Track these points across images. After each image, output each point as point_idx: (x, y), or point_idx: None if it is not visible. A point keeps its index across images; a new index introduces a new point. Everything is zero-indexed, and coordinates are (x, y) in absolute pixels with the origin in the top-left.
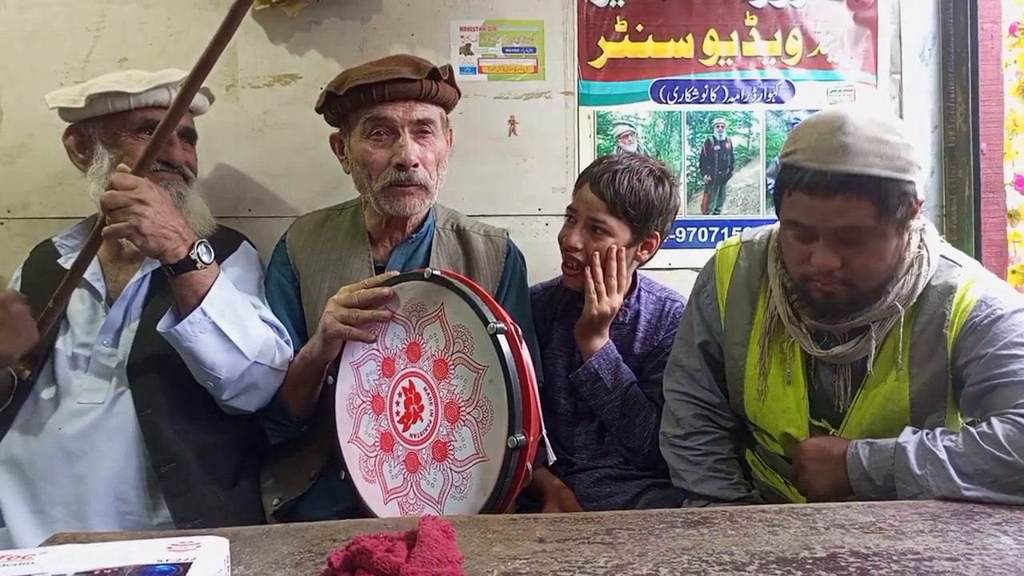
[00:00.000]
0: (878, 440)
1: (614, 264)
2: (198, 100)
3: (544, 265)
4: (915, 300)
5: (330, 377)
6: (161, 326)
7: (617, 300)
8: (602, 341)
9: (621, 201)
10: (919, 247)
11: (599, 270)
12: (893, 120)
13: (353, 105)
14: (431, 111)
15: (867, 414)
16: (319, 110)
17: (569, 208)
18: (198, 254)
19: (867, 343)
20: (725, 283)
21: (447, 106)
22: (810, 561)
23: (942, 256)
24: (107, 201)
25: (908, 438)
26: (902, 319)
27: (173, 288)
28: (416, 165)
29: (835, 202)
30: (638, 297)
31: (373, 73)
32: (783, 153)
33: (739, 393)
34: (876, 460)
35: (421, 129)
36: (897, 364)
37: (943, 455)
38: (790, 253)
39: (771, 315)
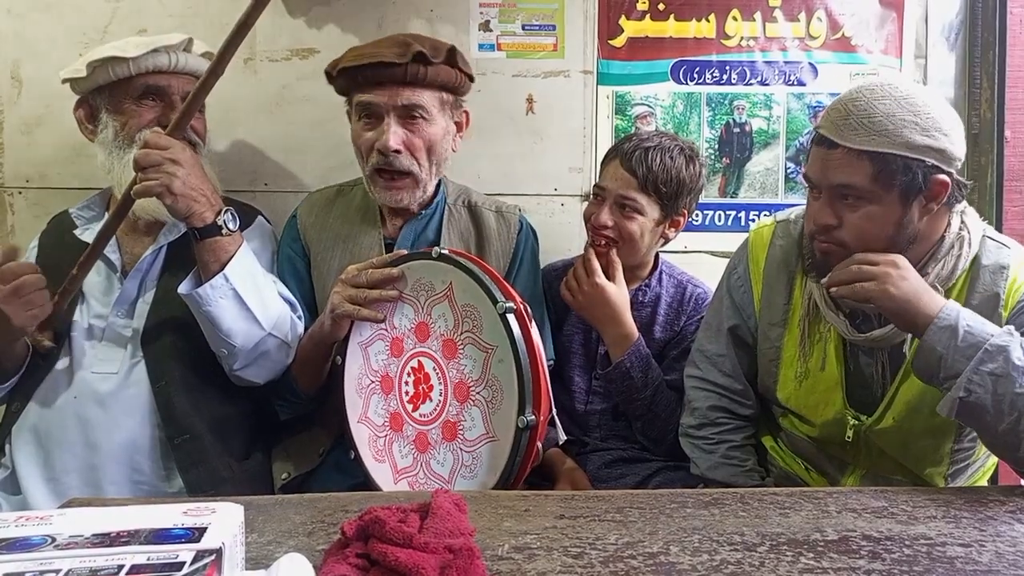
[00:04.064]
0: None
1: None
2: (199, 64)
3: (559, 245)
4: (962, 280)
5: (338, 357)
6: (182, 288)
7: (599, 279)
8: (615, 326)
9: (653, 179)
10: (960, 228)
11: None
12: (925, 104)
13: (346, 86)
14: (422, 96)
15: (907, 398)
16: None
17: (596, 186)
18: (224, 221)
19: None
20: (760, 263)
21: (451, 89)
22: (821, 543)
23: (989, 237)
24: (141, 159)
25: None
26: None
27: (196, 253)
28: (398, 151)
29: (836, 155)
30: (659, 279)
31: (358, 56)
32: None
33: (773, 375)
34: (975, 325)
35: (409, 114)
36: None
37: None
38: (807, 211)
39: (809, 296)
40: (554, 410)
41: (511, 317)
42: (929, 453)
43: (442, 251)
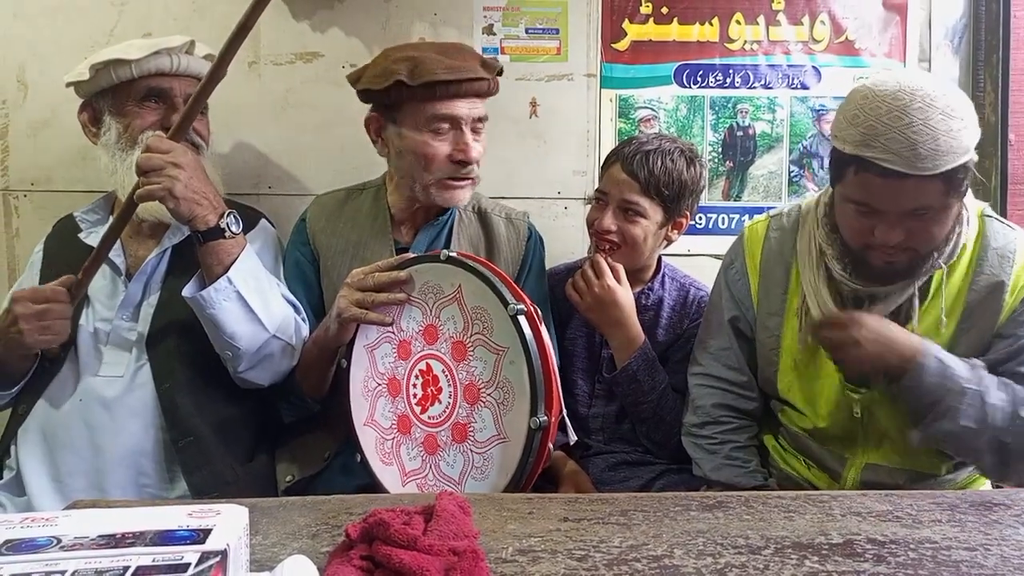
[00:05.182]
0: (947, 359)
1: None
2: (202, 66)
3: (562, 249)
4: (968, 260)
5: (343, 360)
6: (186, 291)
7: (609, 281)
8: (623, 329)
9: (655, 182)
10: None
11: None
12: (954, 101)
13: (423, 97)
14: (484, 108)
15: None
16: (371, 91)
17: (598, 191)
18: (227, 223)
19: (910, 300)
20: (756, 256)
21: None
22: (826, 547)
23: (993, 217)
24: (142, 163)
25: (981, 380)
26: (945, 277)
27: (200, 256)
28: (477, 161)
29: (908, 184)
30: (662, 283)
31: (451, 68)
32: (843, 132)
33: (773, 365)
34: (943, 382)
35: (476, 127)
36: (941, 321)
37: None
38: (850, 225)
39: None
40: (565, 412)
41: (522, 319)
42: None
43: (450, 254)
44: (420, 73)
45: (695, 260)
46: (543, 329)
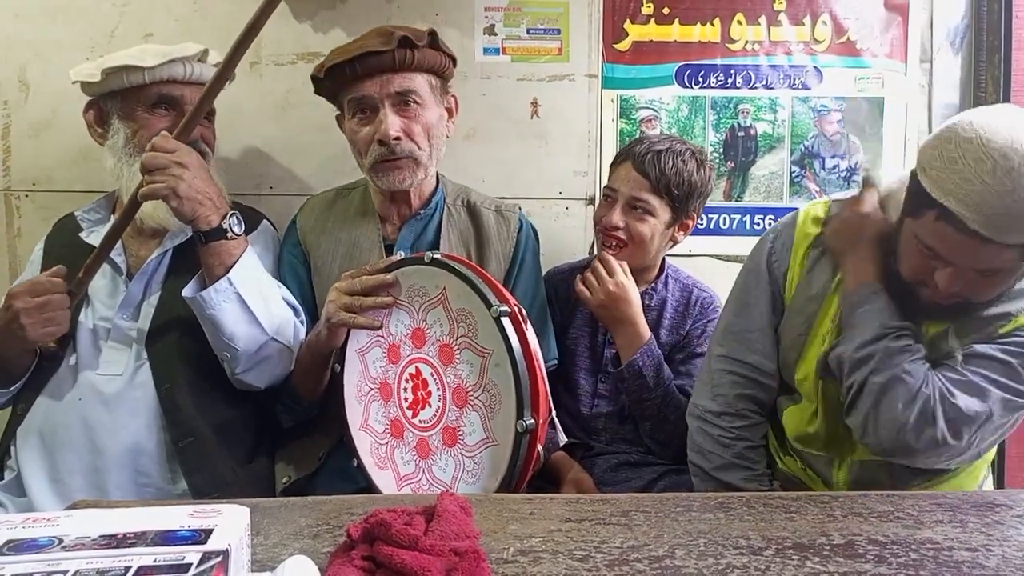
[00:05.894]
0: None
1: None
2: (208, 72)
3: (563, 249)
4: None
5: (337, 365)
6: (186, 291)
7: (622, 278)
8: (632, 326)
9: (666, 181)
10: None
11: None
12: None
13: (336, 86)
14: (413, 80)
15: None
16: (316, 93)
17: (607, 187)
18: (230, 224)
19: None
20: (810, 238)
21: (437, 72)
22: (827, 547)
23: None
24: (148, 162)
25: None
26: None
27: (201, 256)
28: (398, 138)
29: (986, 248)
30: (665, 283)
31: (345, 51)
32: (935, 172)
33: (796, 350)
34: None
35: (403, 100)
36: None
37: None
38: (912, 261)
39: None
40: (554, 412)
41: (506, 321)
42: None
43: (434, 255)
44: (322, 66)
45: (697, 260)
46: (528, 330)
